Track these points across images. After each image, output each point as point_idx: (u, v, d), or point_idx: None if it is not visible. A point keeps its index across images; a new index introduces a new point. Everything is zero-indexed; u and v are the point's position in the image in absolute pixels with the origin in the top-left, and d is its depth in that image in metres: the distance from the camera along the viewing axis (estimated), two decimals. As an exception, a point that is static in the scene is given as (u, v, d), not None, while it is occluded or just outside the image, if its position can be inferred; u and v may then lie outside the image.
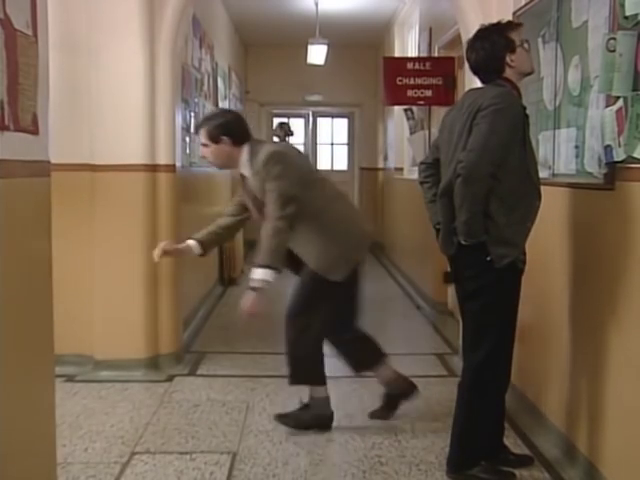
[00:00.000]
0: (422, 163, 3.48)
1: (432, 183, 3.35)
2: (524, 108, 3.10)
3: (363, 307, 3.99)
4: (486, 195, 2.98)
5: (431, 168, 3.37)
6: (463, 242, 3.06)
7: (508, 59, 3.11)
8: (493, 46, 3.11)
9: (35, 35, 2.36)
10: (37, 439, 2.45)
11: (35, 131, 2.38)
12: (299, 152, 3.99)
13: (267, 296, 3.48)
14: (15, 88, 2.21)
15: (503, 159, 2.98)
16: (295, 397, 4.38)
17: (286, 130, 10.20)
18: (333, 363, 5.31)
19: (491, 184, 2.97)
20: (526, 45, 3.19)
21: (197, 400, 4.38)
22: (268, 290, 3.48)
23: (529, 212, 3.09)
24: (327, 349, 3.90)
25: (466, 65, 3.33)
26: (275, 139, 10.54)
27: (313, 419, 3.88)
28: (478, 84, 3.30)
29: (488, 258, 3.02)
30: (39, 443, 2.47)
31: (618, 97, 2.83)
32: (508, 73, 3.13)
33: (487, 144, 2.96)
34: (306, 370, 3.87)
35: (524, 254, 3.10)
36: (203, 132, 3.70)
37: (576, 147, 3.33)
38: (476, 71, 3.22)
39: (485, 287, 3.10)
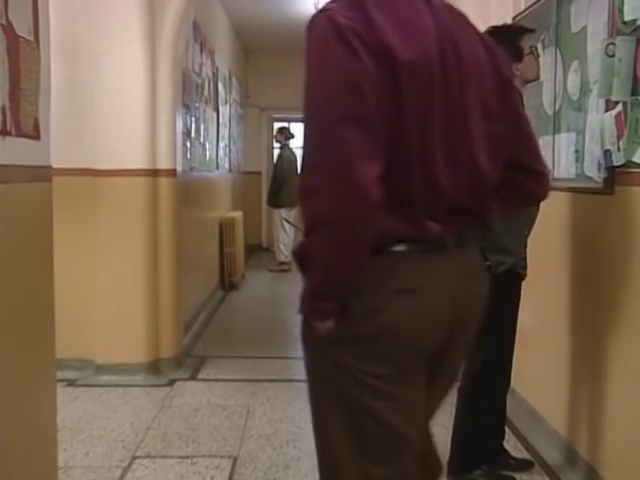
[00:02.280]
0: None
1: None
2: None
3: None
4: None
5: None
6: None
7: (513, 68, 3.09)
8: None
9: (37, 41, 2.37)
10: (38, 443, 2.45)
11: (37, 136, 2.39)
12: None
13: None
14: (17, 94, 2.22)
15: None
16: (295, 400, 4.39)
17: (286, 134, 10.23)
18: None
19: None
20: (536, 51, 3.16)
21: (198, 404, 4.38)
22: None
23: (526, 220, 3.08)
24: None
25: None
26: (276, 144, 10.57)
27: None
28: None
29: (488, 263, 3.02)
30: (40, 447, 2.48)
31: (617, 102, 2.83)
32: None
33: None
34: None
35: (524, 260, 3.09)
36: None
37: (576, 151, 3.34)
38: None
39: (484, 292, 3.10)
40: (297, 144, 11.89)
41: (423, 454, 1.77)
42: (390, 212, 1.53)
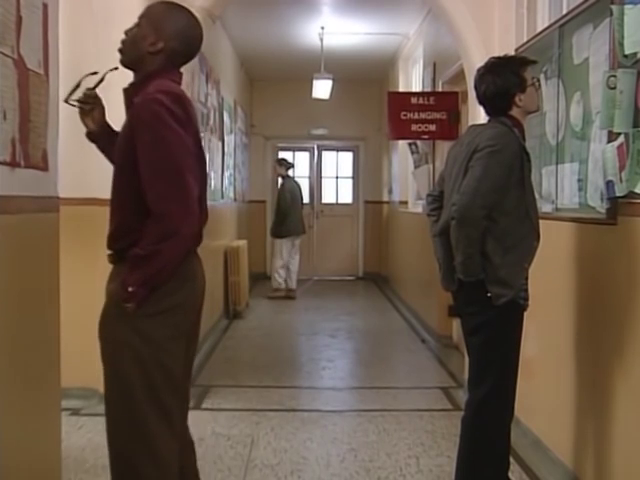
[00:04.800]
0: (429, 195, 3.47)
1: (438, 217, 3.33)
2: (523, 147, 3.07)
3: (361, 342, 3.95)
4: (482, 236, 2.97)
5: (437, 200, 3.35)
6: (463, 279, 3.07)
7: (517, 98, 3.08)
8: (505, 84, 3.07)
9: (46, 74, 2.41)
10: (42, 472, 2.45)
11: (45, 167, 2.42)
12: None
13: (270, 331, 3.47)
14: (26, 125, 2.25)
15: (497, 201, 2.98)
16: (300, 430, 4.37)
17: (286, 165, 10.28)
18: (337, 396, 5.31)
19: (485, 225, 2.97)
20: (537, 83, 3.18)
21: (202, 434, 4.36)
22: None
23: (526, 253, 3.07)
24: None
25: (470, 100, 3.34)
26: (279, 179, 10.57)
27: None
28: (482, 119, 3.32)
29: (489, 294, 3.01)
30: (44, 477, 2.48)
31: (619, 133, 2.86)
32: (514, 111, 3.10)
33: (479, 188, 2.95)
34: None
35: (525, 291, 3.08)
36: None
37: (579, 181, 3.36)
38: (483, 103, 3.21)
39: (486, 323, 3.09)
40: (298, 173, 12.03)
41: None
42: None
